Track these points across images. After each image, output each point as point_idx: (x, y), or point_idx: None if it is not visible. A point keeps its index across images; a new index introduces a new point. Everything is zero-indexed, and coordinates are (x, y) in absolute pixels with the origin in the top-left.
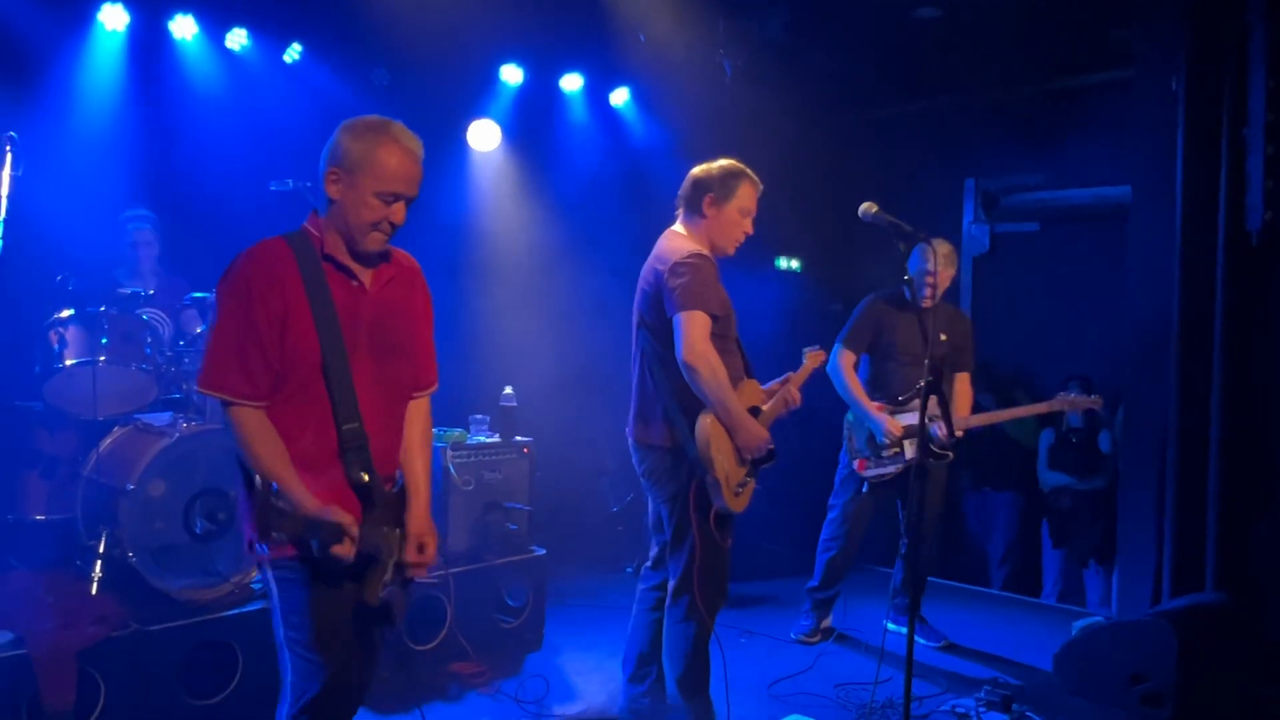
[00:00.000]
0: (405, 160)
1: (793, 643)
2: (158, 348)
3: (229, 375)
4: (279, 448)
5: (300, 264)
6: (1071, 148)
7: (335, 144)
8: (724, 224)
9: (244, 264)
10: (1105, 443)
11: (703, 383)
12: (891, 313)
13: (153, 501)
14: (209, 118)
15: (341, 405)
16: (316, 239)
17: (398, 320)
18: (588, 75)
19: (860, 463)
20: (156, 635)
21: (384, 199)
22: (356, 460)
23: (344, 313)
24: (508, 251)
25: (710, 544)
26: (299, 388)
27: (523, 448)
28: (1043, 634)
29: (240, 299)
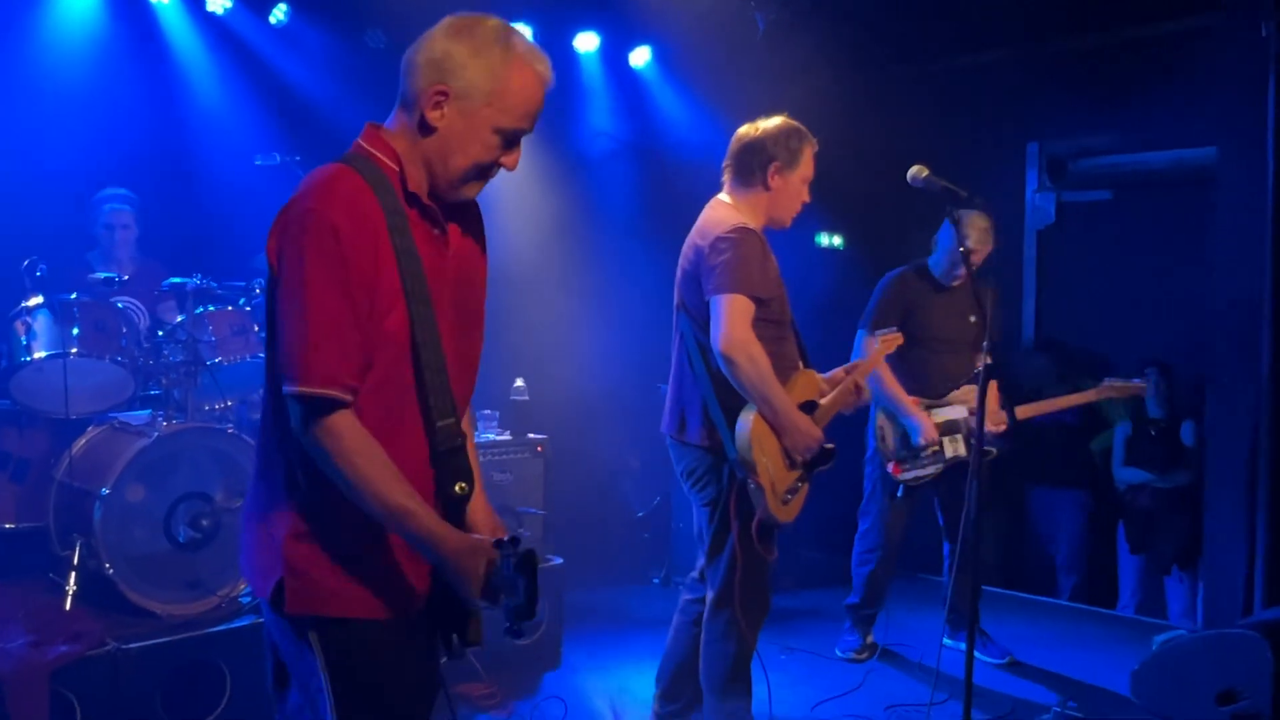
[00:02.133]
0: (538, 91)
1: (838, 660)
2: (134, 339)
3: (333, 361)
4: (391, 466)
5: (383, 206)
6: (1148, 105)
7: (443, 53)
8: (788, 195)
9: (323, 205)
10: (1189, 435)
11: (742, 375)
12: (922, 292)
13: (131, 507)
14: (188, 87)
15: (435, 395)
16: (394, 172)
17: (476, 279)
18: (604, 33)
19: (895, 466)
20: (136, 654)
21: (505, 137)
22: (452, 467)
23: (431, 273)
24: (517, 229)
25: (751, 555)
26: (383, 375)
27: (536, 446)
28: (1118, 650)
29: (326, 255)
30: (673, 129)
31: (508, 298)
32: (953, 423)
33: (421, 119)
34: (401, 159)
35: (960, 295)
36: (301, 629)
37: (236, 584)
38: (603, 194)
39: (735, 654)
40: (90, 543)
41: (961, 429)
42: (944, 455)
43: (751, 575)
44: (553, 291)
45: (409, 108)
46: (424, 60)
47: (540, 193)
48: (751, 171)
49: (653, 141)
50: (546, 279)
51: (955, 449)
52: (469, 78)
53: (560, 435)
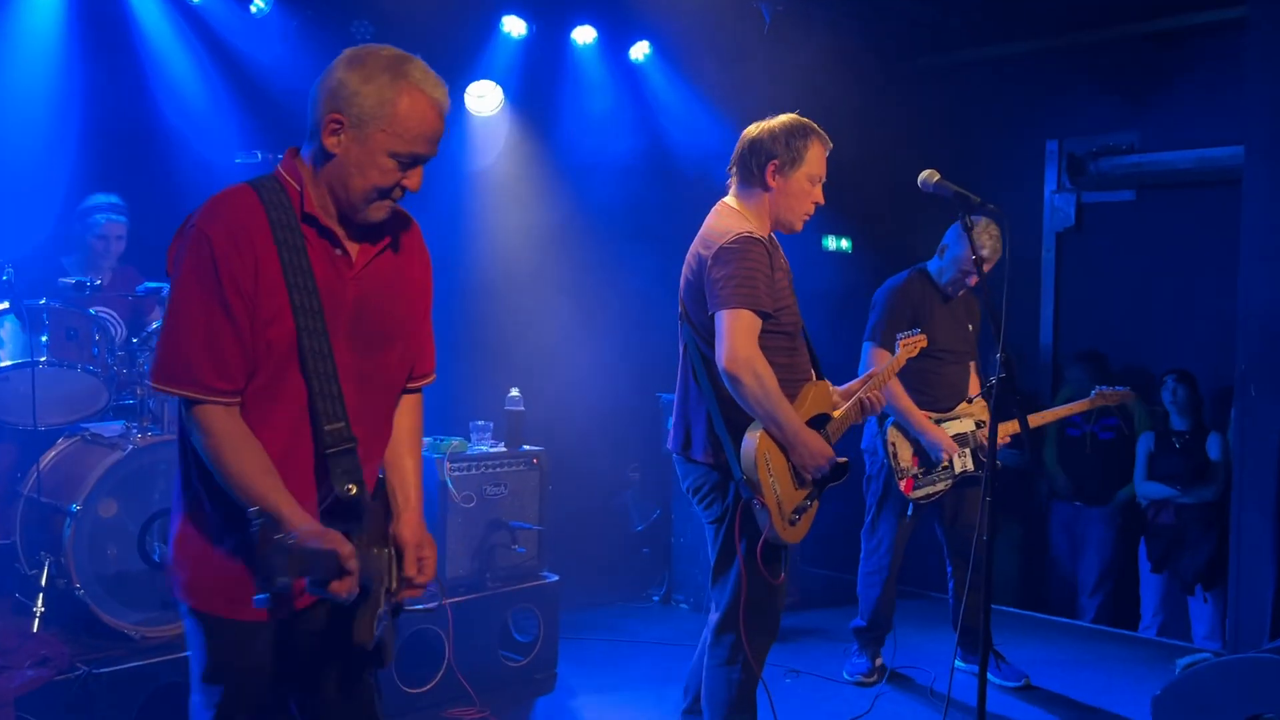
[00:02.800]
0: (431, 114)
1: (845, 683)
2: (107, 347)
3: (195, 364)
4: (263, 458)
5: (273, 222)
6: (1173, 101)
7: (338, 82)
8: (791, 195)
9: (205, 221)
10: (1215, 448)
11: (747, 394)
12: (927, 301)
13: (103, 524)
14: (165, 82)
15: (323, 399)
16: (295, 192)
17: (387, 302)
18: (602, 27)
19: (908, 483)
20: (108, 679)
21: (401, 161)
22: (342, 468)
23: (325, 290)
24: (512, 231)
25: (757, 578)
26: (270, 380)
27: (532, 458)
28: (1139, 673)
29: (202, 267)
30: (674, 127)
31: (501, 304)
32: (961, 436)
33: (321, 146)
34: (305, 181)
35: (960, 305)
36: (191, 621)
37: None
38: (600, 194)
39: (740, 680)
40: (60, 561)
41: (970, 442)
42: (953, 470)
43: (757, 599)
44: (549, 297)
45: (313, 136)
46: (321, 90)
47: (535, 194)
48: (752, 172)
49: (653, 140)
50: (542, 283)
51: (964, 464)
52: (361, 104)
53: (557, 447)
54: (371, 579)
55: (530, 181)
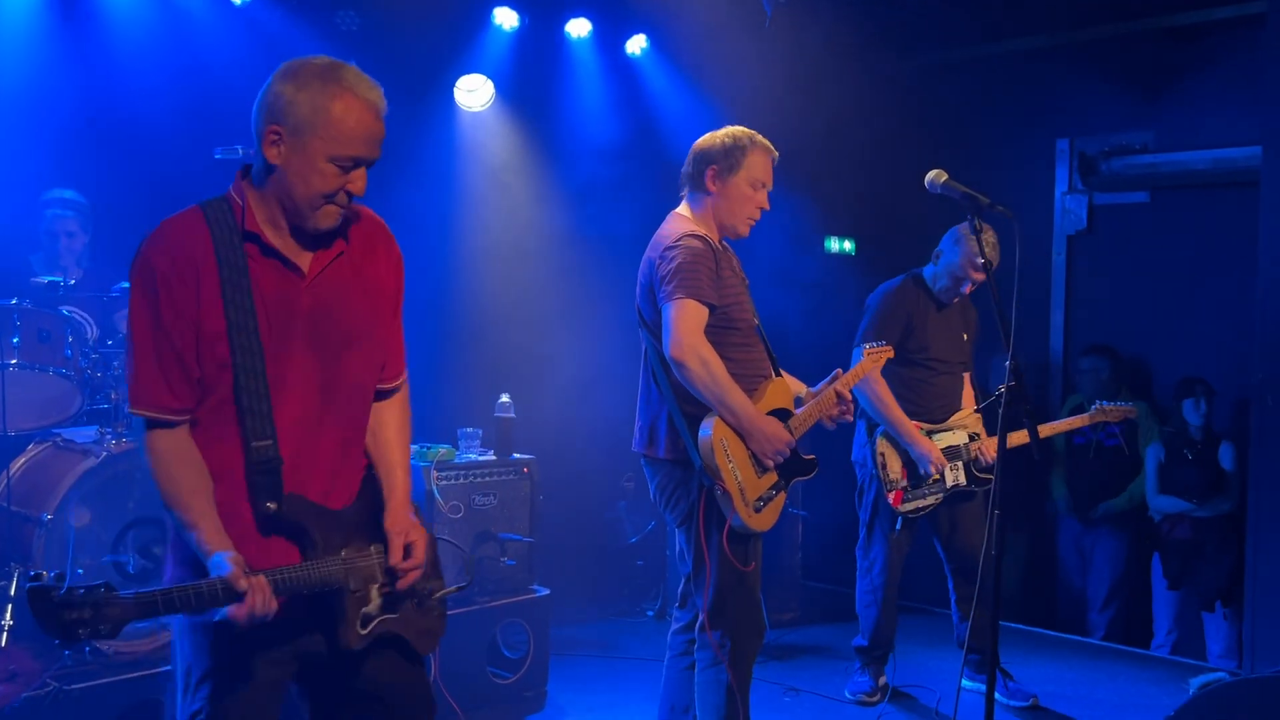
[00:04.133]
0: (366, 115)
1: (847, 703)
2: (80, 349)
3: (147, 387)
4: (194, 477)
5: (216, 242)
6: (1188, 99)
7: (274, 94)
8: (731, 200)
9: (149, 248)
10: (1229, 459)
11: (695, 379)
12: (922, 308)
13: (76, 534)
14: (142, 74)
15: (252, 418)
16: (239, 209)
17: (346, 306)
18: (597, 19)
19: (897, 495)
20: (79, 695)
21: (341, 165)
22: (264, 485)
23: (270, 304)
24: (502, 231)
25: (728, 569)
26: (218, 401)
27: (522, 467)
28: (1152, 693)
29: (147, 293)
30: (672, 124)
31: (491, 306)
32: (953, 449)
33: (263, 159)
34: (249, 199)
35: (955, 312)
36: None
37: None
38: (594, 193)
39: (729, 681)
40: (30, 573)
41: (963, 455)
42: (944, 484)
43: (732, 589)
44: (540, 298)
45: (257, 152)
46: (260, 105)
47: (527, 192)
48: (695, 178)
49: (649, 137)
50: (533, 285)
51: (956, 477)
52: (296, 113)
53: (548, 455)
54: (344, 581)
55: (521, 179)
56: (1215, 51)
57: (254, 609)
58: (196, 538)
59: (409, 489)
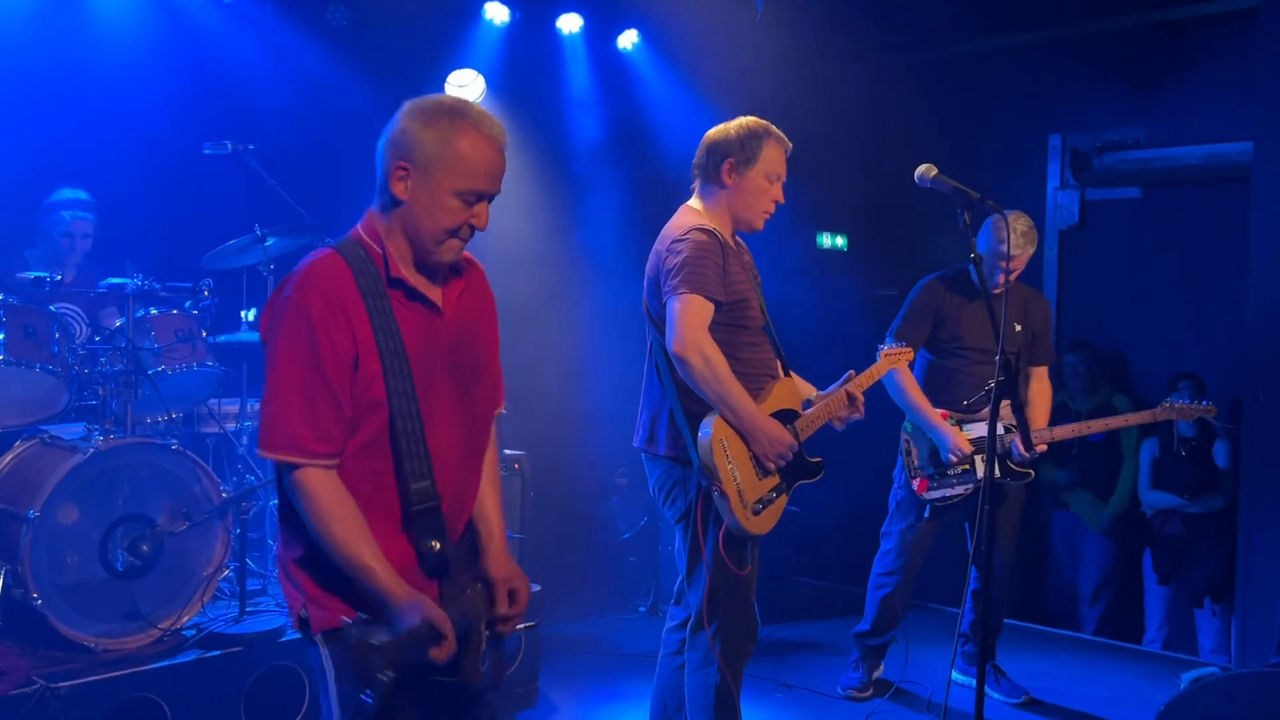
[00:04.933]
0: (490, 151)
1: (840, 698)
2: (68, 345)
3: (297, 431)
4: (360, 523)
5: (363, 290)
6: (1180, 95)
7: (400, 131)
8: (747, 193)
9: (301, 292)
10: (1222, 455)
11: (697, 376)
12: (955, 299)
13: (63, 531)
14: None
15: (410, 460)
16: (379, 255)
17: (475, 340)
18: (588, 14)
19: (921, 483)
20: (67, 693)
21: (466, 199)
22: (427, 525)
23: (418, 346)
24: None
25: (724, 571)
26: (366, 442)
27: (513, 463)
28: (1144, 688)
29: (301, 336)
30: (663, 119)
31: None
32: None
33: (390, 194)
34: (383, 239)
35: (999, 302)
36: (317, 646)
37: (179, 615)
38: (585, 188)
39: (718, 683)
40: (16, 570)
41: (999, 447)
42: (975, 475)
43: (726, 592)
44: (530, 294)
45: (383, 190)
46: (387, 142)
47: (517, 187)
48: (710, 171)
49: (641, 132)
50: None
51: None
52: (424, 149)
53: (539, 452)
54: (469, 620)
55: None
56: (1207, 47)
57: (451, 649)
58: (375, 582)
59: (505, 530)
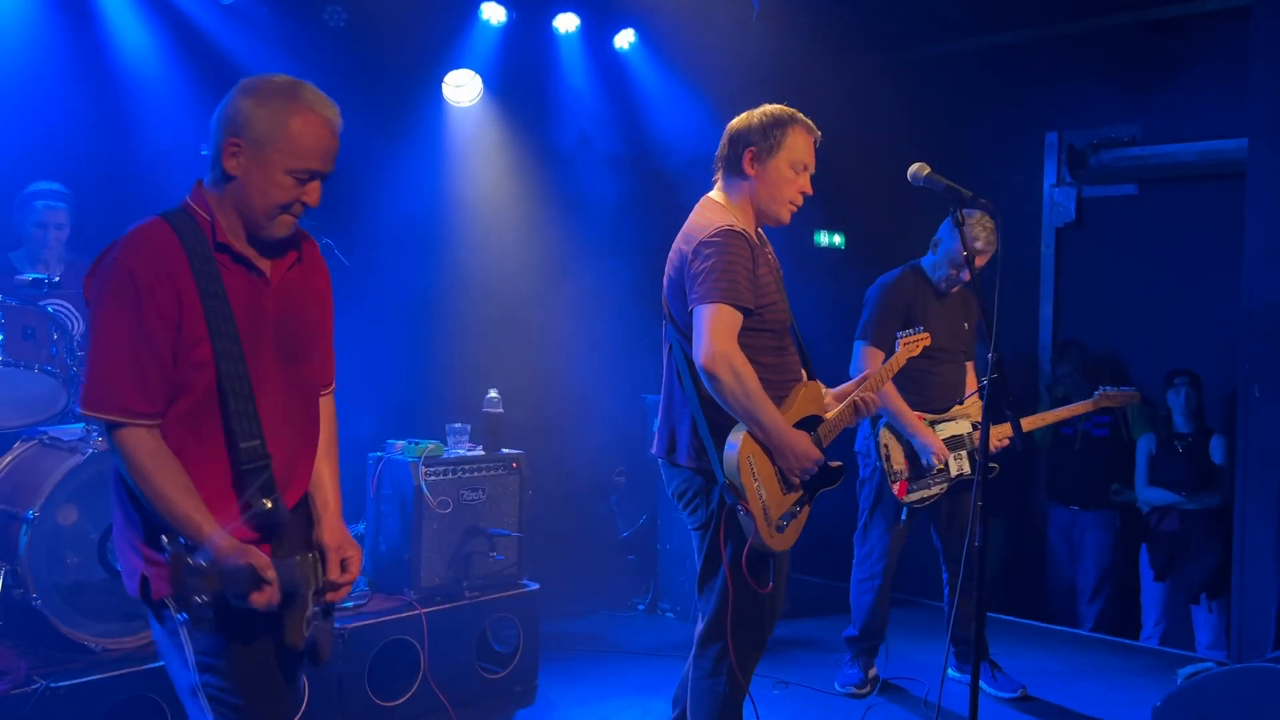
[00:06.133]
0: (324, 132)
1: (837, 694)
2: (65, 346)
3: (121, 390)
4: (183, 477)
5: (189, 253)
6: (1177, 92)
7: (234, 109)
8: (771, 183)
9: (125, 254)
10: (1219, 452)
11: (726, 392)
12: (921, 298)
13: (62, 531)
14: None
15: (239, 419)
16: (206, 222)
17: (303, 313)
18: (584, 14)
19: (901, 486)
20: (66, 692)
21: (298, 177)
22: (258, 484)
23: (243, 311)
24: (490, 226)
25: (743, 588)
26: (192, 404)
27: (511, 462)
28: (1140, 684)
29: (125, 297)
30: (659, 118)
31: (479, 301)
32: (957, 438)
33: (222, 169)
34: (213, 210)
35: (954, 302)
36: (166, 612)
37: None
38: (583, 187)
39: (725, 693)
40: (16, 570)
41: (965, 445)
42: (948, 474)
43: (744, 608)
44: (528, 293)
45: (215, 163)
46: (220, 119)
47: (514, 187)
48: (733, 162)
49: (637, 131)
50: (521, 279)
51: (960, 466)
52: (257, 126)
53: (537, 450)
54: (297, 585)
55: (509, 174)
56: (1202, 44)
57: (272, 598)
58: (199, 533)
59: (340, 501)
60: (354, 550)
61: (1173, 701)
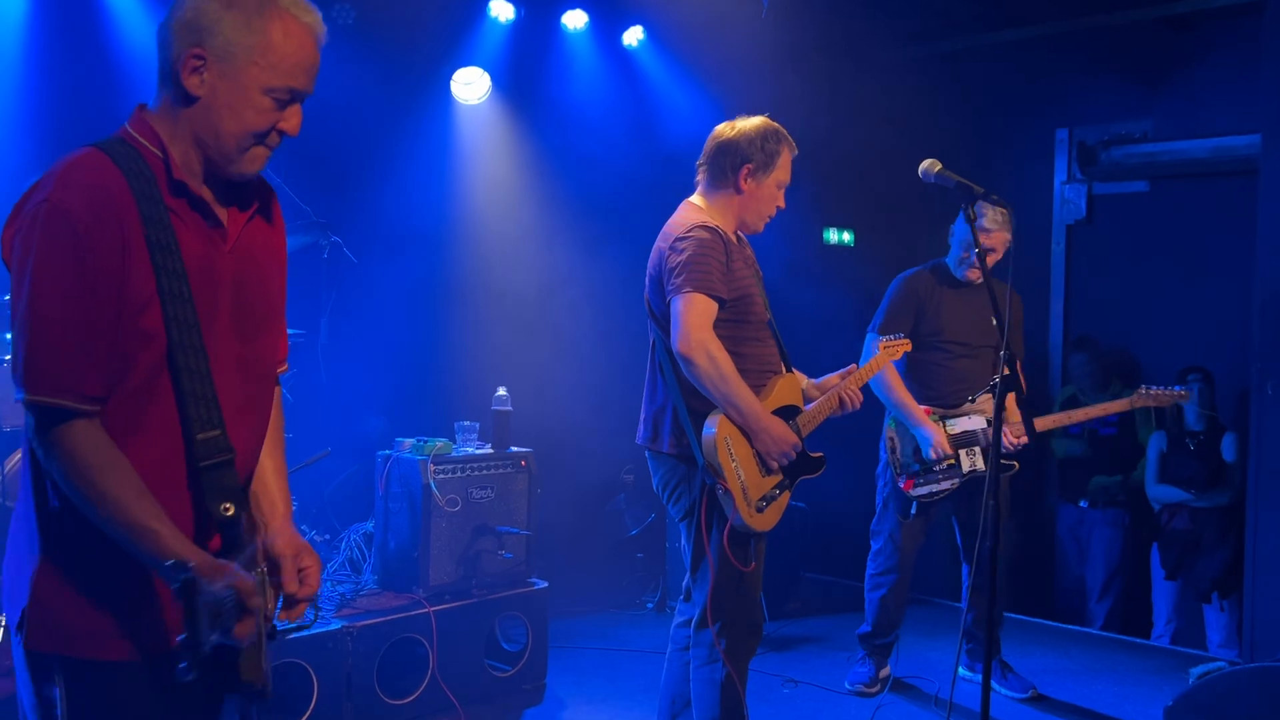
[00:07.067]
0: (308, 41)
1: (847, 694)
2: None
3: (71, 368)
4: (135, 478)
5: (136, 194)
6: (1188, 88)
7: (195, 12)
8: (760, 200)
9: (60, 194)
10: (1230, 450)
11: (702, 375)
12: (935, 292)
13: None
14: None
15: (195, 403)
16: (155, 158)
17: (263, 277)
18: (593, 11)
19: (907, 481)
20: None
21: (277, 97)
22: (218, 484)
23: (197, 271)
24: (499, 224)
25: (727, 567)
26: (136, 384)
27: (520, 460)
28: (1152, 683)
29: (60, 248)
30: (668, 115)
31: (488, 299)
32: (970, 434)
33: (181, 89)
34: (165, 142)
35: (979, 295)
36: (43, 666)
37: None
38: (592, 185)
39: (723, 680)
40: None
41: (980, 441)
42: (960, 470)
43: (731, 589)
44: (538, 291)
45: (167, 81)
46: (176, 24)
47: (524, 184)
48: (724, 173)
49: (646, 129)
50: (531, 277)
51: (973, 462)
52: (226, 34)
53: (546, 448)
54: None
55: (518, 172)
56: (1214, 40)
57: (253, 630)
58: (159, 546)
59: (290, 502)
60: (312, 559)
61: (1185, 701)
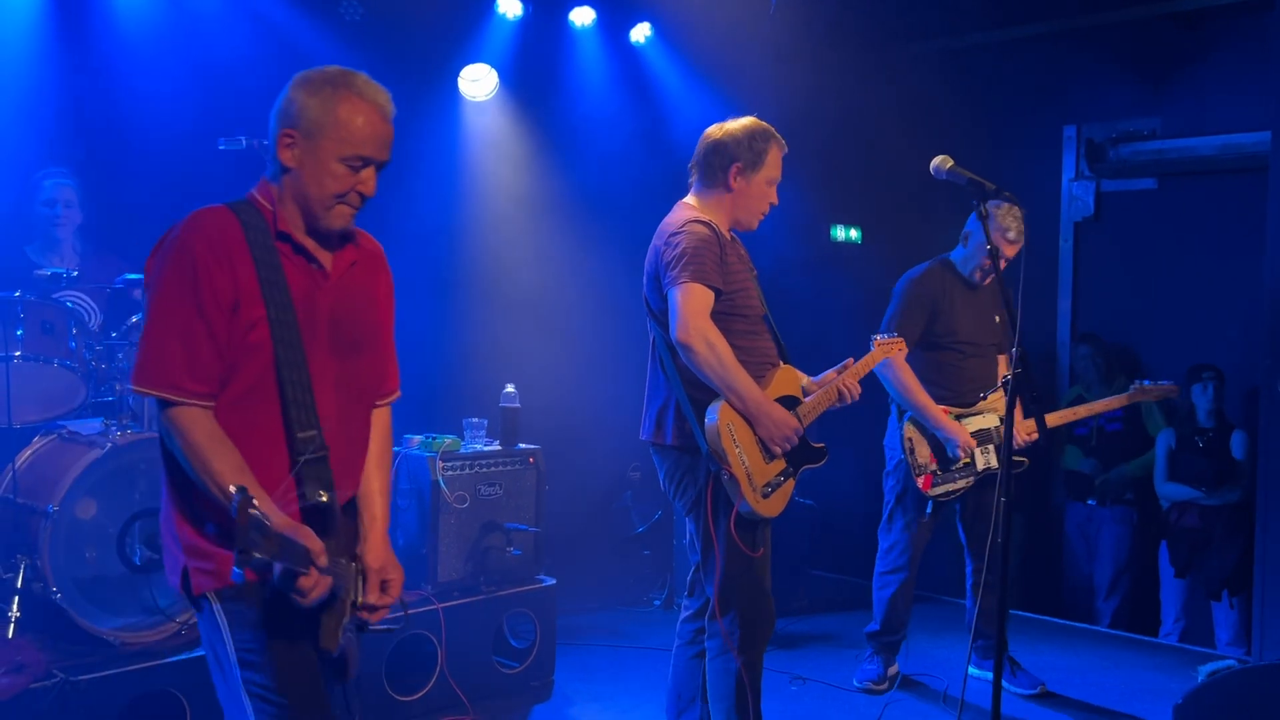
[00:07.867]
0: (374, 118)
1: (856, 691)
2: (84, 340)
3: (173, 368)
4: (237, 457)
5: (250, 240)
6: (1197, 85)
7: (288, 101)
8: (751, 198)
9: (186, 235)
10: (1240, 447)
11: (701, 362)
12: (949, 291)
13: (81, 526)
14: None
15: (296, 408)
16: (269, 213)
17: (361, 311)
18: (600, 8)
19: (927, 479)
20: (86, 686)
21: (351, 165)
22: (314, 475)
23: (301, 302)
24: (507, 221)
25: (735, 554)
26: (246, 389)
27: (528, 457)
28: (1161, 681)
29: (183, 276)
30: (676, 112)
31: (496, 296)
32: (984, 432)
33: (279, 162)
34: (275, 202)
35: (986, 295)
36: (207, 604)
37: None
38: (600, 182)
39: (737, 670)
40: (36, 564)
41: (993, 439)
42: (975, 467)
43: (740, 575)
44: (546, 288)
45: (272, 156)
46: (276, 112)
47: (531, 181)
48: (714, 173)
49: (654, 125)
50: (539, 274)
51: (986, 460)
52: (308, 116)
53: (554, 445)
54: (340, 588)
55: (526, 168)
56: (1223, 36)
57: (319, 586)
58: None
59: (389, 518)
60: (396, 573)
61: (1195, 699)
